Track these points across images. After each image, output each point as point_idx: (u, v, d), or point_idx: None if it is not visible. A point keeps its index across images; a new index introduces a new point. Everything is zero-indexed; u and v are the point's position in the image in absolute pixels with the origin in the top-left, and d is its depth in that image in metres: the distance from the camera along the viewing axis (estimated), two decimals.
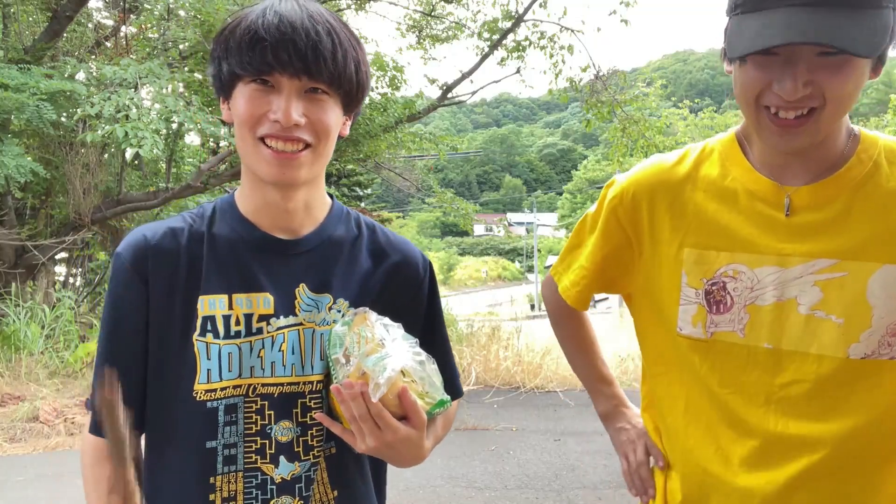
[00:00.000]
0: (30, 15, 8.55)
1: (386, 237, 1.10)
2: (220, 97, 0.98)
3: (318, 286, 1.01)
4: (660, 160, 1.13)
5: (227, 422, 0.95)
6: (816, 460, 0.97)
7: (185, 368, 0.94)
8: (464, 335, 8.89)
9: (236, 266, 0.98)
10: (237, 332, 0.96)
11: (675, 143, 11.30)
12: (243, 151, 0.95)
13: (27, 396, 5.79)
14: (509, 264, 64.06)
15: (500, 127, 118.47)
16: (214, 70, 0.96)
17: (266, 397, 0.96)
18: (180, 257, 0.97)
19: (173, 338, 0.96)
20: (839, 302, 0.95)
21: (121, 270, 0.96)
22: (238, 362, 0.96)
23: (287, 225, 1.01)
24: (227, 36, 0.92)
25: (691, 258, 1.04)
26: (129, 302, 0.96)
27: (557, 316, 1.36)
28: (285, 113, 0.89)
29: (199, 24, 7.41)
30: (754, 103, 0.93)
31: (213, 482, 0.94)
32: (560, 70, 9.91)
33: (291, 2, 0.91)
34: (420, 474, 4.35)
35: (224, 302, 0.96)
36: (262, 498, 0.96)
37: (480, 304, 29.65)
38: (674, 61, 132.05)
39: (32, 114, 6.12)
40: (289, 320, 0.98)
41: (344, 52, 0.92)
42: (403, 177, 14.16)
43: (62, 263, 9.41)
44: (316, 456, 1.00)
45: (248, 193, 1.01)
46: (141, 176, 9.30)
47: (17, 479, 4.32)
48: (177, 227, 0.99)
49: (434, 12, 10.62)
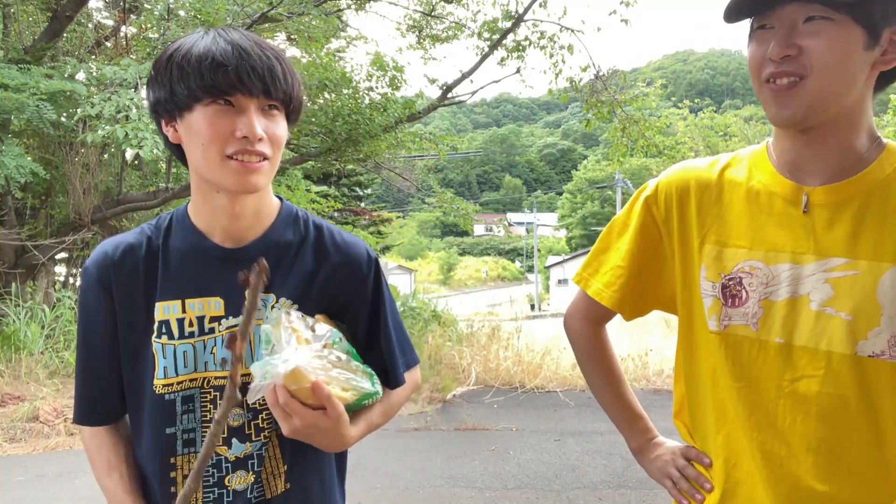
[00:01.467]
0: (30, 15, 8.55)
1: (332, 237, 1.19)
2: (163, 120, 1.06)
3: None
4: (692, 164, 1.17)
5: (184, 410, 1.09)
6: (822, 460, 0.98)
7: (146, 366, 1.09)
8: (464, 335, 8.89)
9: (189, 274, 1.11)
10: (191, 332, 1.09)
11: (675, 143, 11.29)
12: (205, 167, 1.03)
13: (27, 396, 5.80)
14: (509, 264, 64.06)
15: (500, 127, 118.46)
16: (163, 94, 1.03)
17: (218, 388, 1.10)
18: (139, 269, 1.11)
19: (136, 340, 1.10)
20: (849, 299, 0.97)
21: (89, 284, 1.11)
22: (193, 359, 1.09)
23: (235, 233, 1.12)
24: (180, 62, 0.99)
25: (711, 254, 1.09)
26: (97, 311, 1.11)
27: (586, 346, 1.32)
28: (251, 129, 1.00)
29: (199, 24, 7.40)
30: (758, 77, 0.99)
31: (174, 462, 1.10)
32: (560, 70, 9.91)
33: (236, 32, 1.03)
34: (420, 474, 4.35)
35: (178, 307, 1.09)
36: (218, 475, 1.10)
37: (480, 305, 29.66)
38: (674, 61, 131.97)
39: (32, 114, 6.12)
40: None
41: (291, 73, 1.05)
42: (403, 177, 14.14)
43: (62, 263, 9.41)
44: (266, 436, 1.13)
45: (201, 206, 1.11)
46: (141, 176, 9.30)
47: (17, 479, 4.32)
48: (134, 242, 1.12)
49: (434, 12, 10.62)
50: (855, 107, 0.98)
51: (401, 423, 5.61)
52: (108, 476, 1.13)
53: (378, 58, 9.21)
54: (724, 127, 20.60)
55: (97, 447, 1.15)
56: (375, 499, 3.95)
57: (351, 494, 1.26)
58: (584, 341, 1.31)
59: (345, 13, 10.98)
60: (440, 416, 5.88)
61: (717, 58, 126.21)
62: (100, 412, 1.14)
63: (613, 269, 1.21)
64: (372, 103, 9.33)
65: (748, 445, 1.05)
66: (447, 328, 9.40)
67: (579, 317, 1.31)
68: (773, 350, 1.02)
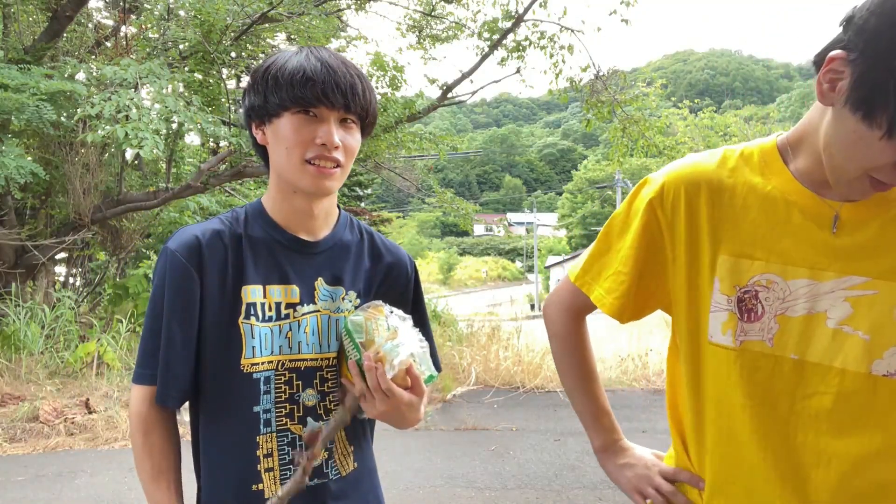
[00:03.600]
0: (30, 15, 8.55)
1: (381, 241, 1.34)
2: (254, 124, 1.19)
3: (333, 280, 1.24)
4: (699, 160, 1.10)
5: (264, 391, 1.16)
6: (833, 476, 0.97)
7: (233, 346, 1.15)
8: (464, 335, 8.89)
9: (270, 262, 1.20)
10: (269, 316, 1.17)
11: (675, 143, 11.29)
12: (287, 169, 1.15)
13: (27, 396, 5.79)
14: (509, 264, 64.05)
15: (500, 127, 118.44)
16: (257, 101, 1.15)
17: (294, 370, 1.18)
18: (227, 254, 1.17)
19: (223, 321, 1.15)
20: (867, 319, 0.96)
21: (177, 265, 1.14)
22: (270, 342, 1.17)
23: (309, 229, 1.23)
24: (275, 74, 1.12)
25: (726, 265, 1.03)
26: (189, 291, 1.14)
27: (566, 338, 1.27)
28: (329, 138, 1.12)
29: (199, 24, 7.40)
30: (869, 169, 0.91)
31: (258, 441, 1.15)
32: (560, 70, 9.91)
33: (325, 51, 1.15)
34: (420, 474, 4.35)
35: (260, 291, 1.17)
36: (293, 453, 1.17)
37: (480, 304, 29.66)
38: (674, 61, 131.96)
39: (32, 114, 6.11)
40: (310, 308, 1.20)
41: (369, 90, 1.17)
42: (403, 177, 14.15)
43: (62, 263, 9.41)
44: None
45: (279, 202, 1.22)
46: (141, 176, 9.30)
47: (17, 479, 4.32)
48: (220, 229, 1.19)
49: (434, 12, 10.62)
50: None
51: None
52: (156, 483, 1.16)
53: (378, 58, 9.20)
54: (724, 127, 20.58)
55: (149, 448, 1.17)
56: None
57: None
58: (564, 333, 1.27)
59: (345, 13, 10.97)
60: (440, 416, 5.88)
61: (717, 58, 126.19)
62: (180, 391, 1.16)
63: (615, 274, 1.15)
64: None
65: (760, 464, 1.02)
66: (447, 328, 9.40)
67: (563, 307, 1.27)
68: (787, 366, 1.00)
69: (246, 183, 9.84)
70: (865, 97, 0.85)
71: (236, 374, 1.14)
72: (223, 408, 1.16)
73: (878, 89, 0.84)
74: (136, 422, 1.17)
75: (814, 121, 0.99)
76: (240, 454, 1.15)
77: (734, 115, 22.32)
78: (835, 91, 0.90)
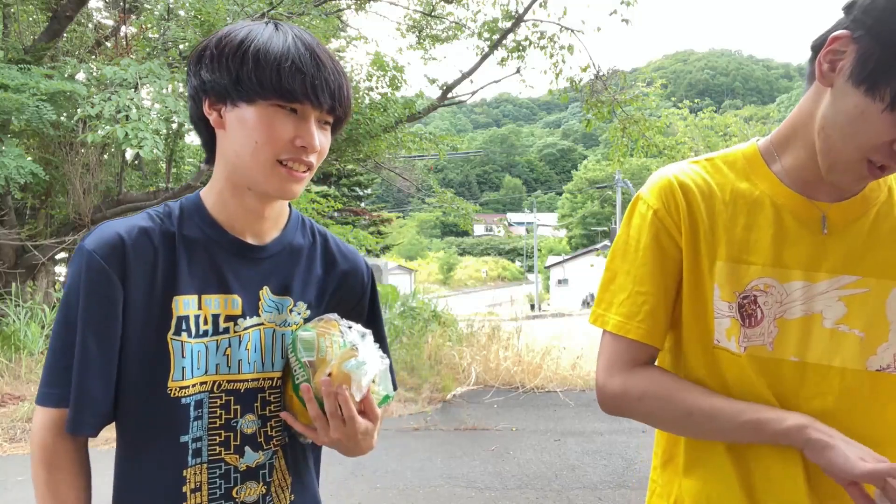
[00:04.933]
0: (30, 15, 8.55)
1: (336, 246, 1.18)
2: (208, 100, 1.00)
3: (280, 289, 1.08)
4: (682, 168, 1.08)
5: (194, 417, 1.00)
6: None
7: (159, 366, 0.98)
8: (464, 335, 8.89)
9: (208, 267, 1.03)
10: (205, 331, 1.01)
11: (675, 143, 11.29)
12: (250, 165, 0.98)
13: (27, 396, 5.80)
14: (509, 264, 64.05)
15: (500, 127, 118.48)
16: (221, 78, 0.96)
17: (232, 392, 1.02)
18: (156, 257, 1.00)
19: (149, 336, 0.98)
20: (861, 316, 0.98)
21: (95, 267, 0.96)
22: (205, 360, 1.01)
23: (257, 231, 1.07)
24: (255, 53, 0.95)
25: (724, 272, 1.03)
26: (106, 299, 0.97)
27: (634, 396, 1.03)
28: (312, 141, 0.98)
29: (199, 24, 7.41)
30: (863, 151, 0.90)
31: (185, 475, 1.00)
32: (560, 70, 9.92)
33: (308, 35, 1.00)
34: (420, 474, 4.35)
35: (195, 302, 1.01)
36: (226, 486, 1.03)
37: (480, 304, 29.65)
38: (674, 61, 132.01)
39: (32, 114, 6.11)
40: (253, 320, 1.05)
41: (350, 91, 1.03)
42: (403, 177, 14.16)
43: (62, 263, 9.41)
44: (275, 445, 1.08)
45: (226, 199, 1.04)
46: (141, 176, 9.30)
47: (17, 479, 4.32)
48: (147, 227, 1.01)
49: (434, 12, 10.62)
50: None
51: (401, 424, 5.61)
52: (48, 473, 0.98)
53: (378, 58, 9.21)
54: (724, 127, 20.60)
55: (55, 487, 0.98)
56: (375, 499, 3.95)
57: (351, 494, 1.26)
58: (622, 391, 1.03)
59: (345, 13, 10.98)
60: (440, 416, 5.88)
61: (717, 58, 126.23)
62: (98, 416, 0.98)
63: (632, 295, 1.05)
64: (372, 103, 9.34)
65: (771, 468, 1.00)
66: (447, 328, 9.40)
67: (606, 367, 1.06)
68: (788, 370, 1.00)
69: None
70: (871, 71, 0.87)
71: (162, 398, 0.97)
72: (144, 436, 0.99)
73: (884, 63, 0.86)
74: (40, 454, 0.98)
75: (805, 109, 0.99)
76: (162, 491, 0.99)
77: (734, 115, 22.33)
78: (835, 71, 0.91)
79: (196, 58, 1.01)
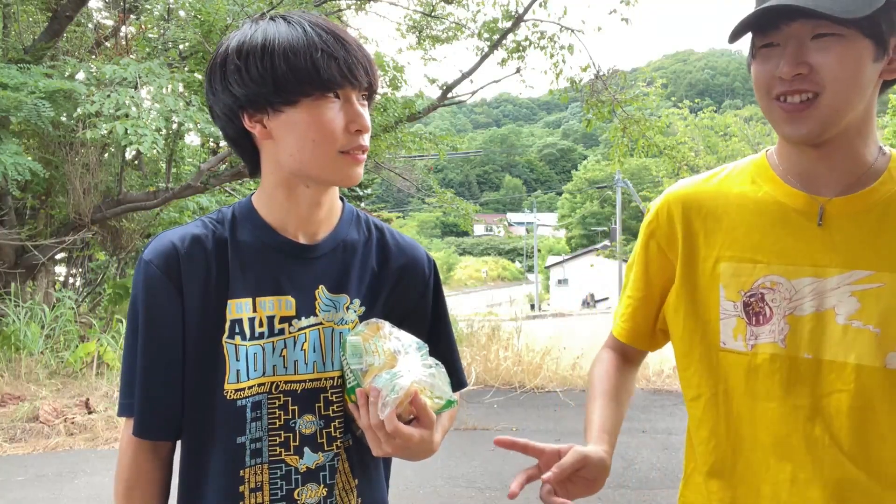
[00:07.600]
0: (30, 15, 8.54)
1: (394, 239, 1.16)
2: (247, 114, 0.98)
3: (336, 287, 1.08)
4: (690, 179, 1.16)
5: (253, 418, 1.01)
6: (855, 473, 0.97)
7: (216, 369, 1.00)
8: (464, 335, 8.88)
9: (260, 270, 1.04)
10: (260, 333, 1.02)
11: (675, 143, 11.29)
12: (312, 163, 0.98)
13: (27, 396, 5.79)
14: (509, 264, 64.06)
15: (500, 127, 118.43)
16: (256, 89, 0.95)
17: (289, 394, 1.03)
18: (210, 263, 1.02)
19: (205, 341, 1.01)
20: (876, 312, 0.96)
21: (153, 278, 1.00)
22: (262, 362, 1.02)
23: (309, 229, 1.07)
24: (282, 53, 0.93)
25: (728, 272, 1.05)
26: (167, 307, 1.00)
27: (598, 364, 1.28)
28: (363, 121, 0.98)
29: (199, 24, 7.40)
30: (766, 95, 0.98)
31: (242, 475, 1.01)
32: (560, 70, 9.91)
33: (316, 16, 0.99)
34: (420, 474, 4.34)
35: (249, 305, 1.02)
36: (287, 487, 1.03)
37: (480, 304, 29.65)
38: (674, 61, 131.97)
39: (30, 112, 6.10)
40: (310, 320, 1.04)
41: (374, 60, 1.02)
42: (403, 177, 14.15)
43: (62, 263, 9.41)
44: (338, 447, 1.06)
45: (280, 201, 1.04)
46: (141, 176, 9.30)
47: (17, 479, 4.32)
48: (200, 234, 1.03)
49: (434, 13, 10.62)
50: (863, 116, 0.98)
51: None
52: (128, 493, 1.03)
53: (378, 58, 9.20)
54: (724, 127, 20.58)
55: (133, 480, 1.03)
56: None
57: None
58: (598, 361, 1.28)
59: (345, 13, 10.97)
60: None
61: (717, 58, 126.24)
62: (164, 420, 1.01)
63: (625, 300, 1.23)
64: None
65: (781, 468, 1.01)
66: None
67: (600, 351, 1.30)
68: (802, 366, 1.00)
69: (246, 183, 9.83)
70: None
71: (218, 401, 0.99)
72: (203, 438, 1.02)
73: None
74: (122, 472, 1.04)
75: None
76: (221, 491, 1.01)
77: (734, 115, 22.30)
78: None
79: (218, 74, 0.98)
